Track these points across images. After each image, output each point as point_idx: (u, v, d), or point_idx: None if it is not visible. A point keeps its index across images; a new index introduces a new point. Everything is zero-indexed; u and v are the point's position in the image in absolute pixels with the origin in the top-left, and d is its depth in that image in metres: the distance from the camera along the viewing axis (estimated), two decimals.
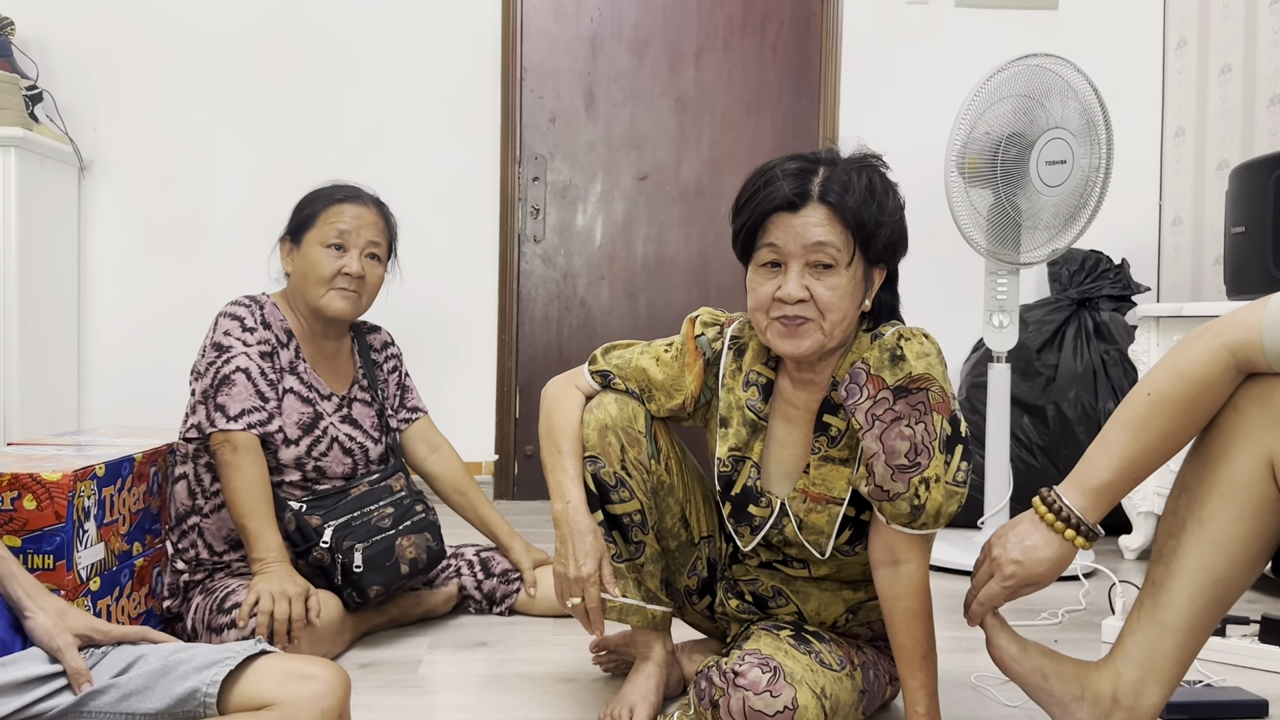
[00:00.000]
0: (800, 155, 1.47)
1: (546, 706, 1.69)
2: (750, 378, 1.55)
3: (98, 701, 1.21)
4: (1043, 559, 1.35)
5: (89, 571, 1.78)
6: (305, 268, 2.03)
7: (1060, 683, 1.39)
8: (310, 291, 2.03)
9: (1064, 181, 2.51)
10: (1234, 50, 3.29)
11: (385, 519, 2.01)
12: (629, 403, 1.57)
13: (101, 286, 3.41)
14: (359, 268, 2.03)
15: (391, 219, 2.15)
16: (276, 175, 3.39)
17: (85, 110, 3.36)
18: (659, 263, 3.64)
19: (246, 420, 1.89)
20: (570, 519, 1.52)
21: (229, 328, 1.95)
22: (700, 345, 1.59)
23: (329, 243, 2.02)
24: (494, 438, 3.55)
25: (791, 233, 1.41)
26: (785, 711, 1.35)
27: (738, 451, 1.54)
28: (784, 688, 1.36)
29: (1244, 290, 2.58)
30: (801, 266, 1.41)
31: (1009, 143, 2.51)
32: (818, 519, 1.49)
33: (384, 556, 1.95)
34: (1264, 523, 1.28)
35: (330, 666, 1.27)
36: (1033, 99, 2.52)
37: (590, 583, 1.50)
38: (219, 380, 1.91)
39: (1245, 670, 1.89)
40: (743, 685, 1.36)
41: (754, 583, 1.62)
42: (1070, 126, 2.51)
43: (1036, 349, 3.21)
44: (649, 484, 1.57)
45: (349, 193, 2.08)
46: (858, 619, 1.60)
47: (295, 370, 2.03)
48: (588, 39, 3.59)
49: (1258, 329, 1.24)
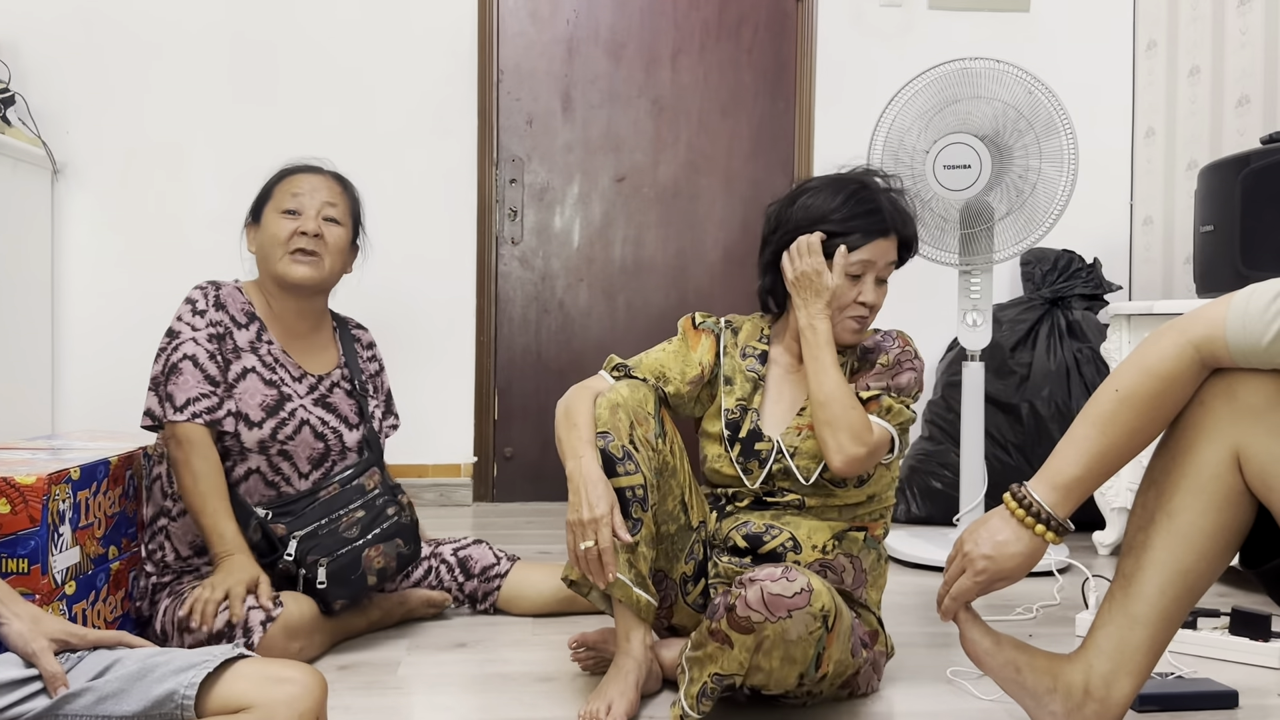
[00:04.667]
0: (884, 184, 1.78)
1: (526, 705, 1.70)
2: (747, 350, 1.83)
3: (74, 705, 1.20)
4: (1013, 554, 1.37)
5: (64, 576, 1.77)
6: (264, 239, 2.04)
7: (1033, 676, 1.41)
8: (271, 261, 2.02)
9: (970, 185, 2.55)
10: (1202, 52, 3.33)
11: (354, 526, 1.96)
12: (641, 388, 1.72)
13: (75, 290, 3.38)
14: (315, 226, 2.01)
15: (352, 188, 2.14)
16: (251, 179, 3.33)
17: (58, 113, 3.34)
18: (637, 264, 3.65)
19: (192, 410, 1.89)
20: (583, 471, 1.62)
21: (181, 312, 1.97)
22: (704, 327, 1.85)
23: (284, 209, 2.03)
24: (472, 440, 3.55)
25: (879, 253, 1.74)
26: (803, 593, 1.44)
27: (743, 401, 1.78)
28: (798, 575, 1.46)
29: (1213, 288, 2.62)
30: (875, 279, 1.75)
31: (907, 148, 2.65)
32: (810, 445, 1.71)
33: (350, 569, 1.91)
34: (1231, 515, 1.30)
35: (307, 670, 1.27)
36: (941, 105, 2.62)
37: (603, 524, 1.58)
38: (168, 368, 1.92)
39: (1216, 662, 1.92)
40: (759, 579, 1.46)
41: (745, 525, 1.72)
42: (976, 130, 2.56)
43: (1010, 348, 3.24)
44: (654, 462, 1.67)
45: (303, 165, 2.11)
46: (842, 547, 1.72)
47: (257, 351, 2.00)
48: (564, 41, 3.60)
49: (1221, 325, 1.26)
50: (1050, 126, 2.55)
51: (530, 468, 3.59)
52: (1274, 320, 1.22)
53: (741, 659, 1.47)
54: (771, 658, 1.46)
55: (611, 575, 1.59)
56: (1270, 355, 1.23)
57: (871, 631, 1.73)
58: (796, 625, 1.44)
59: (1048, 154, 2.56)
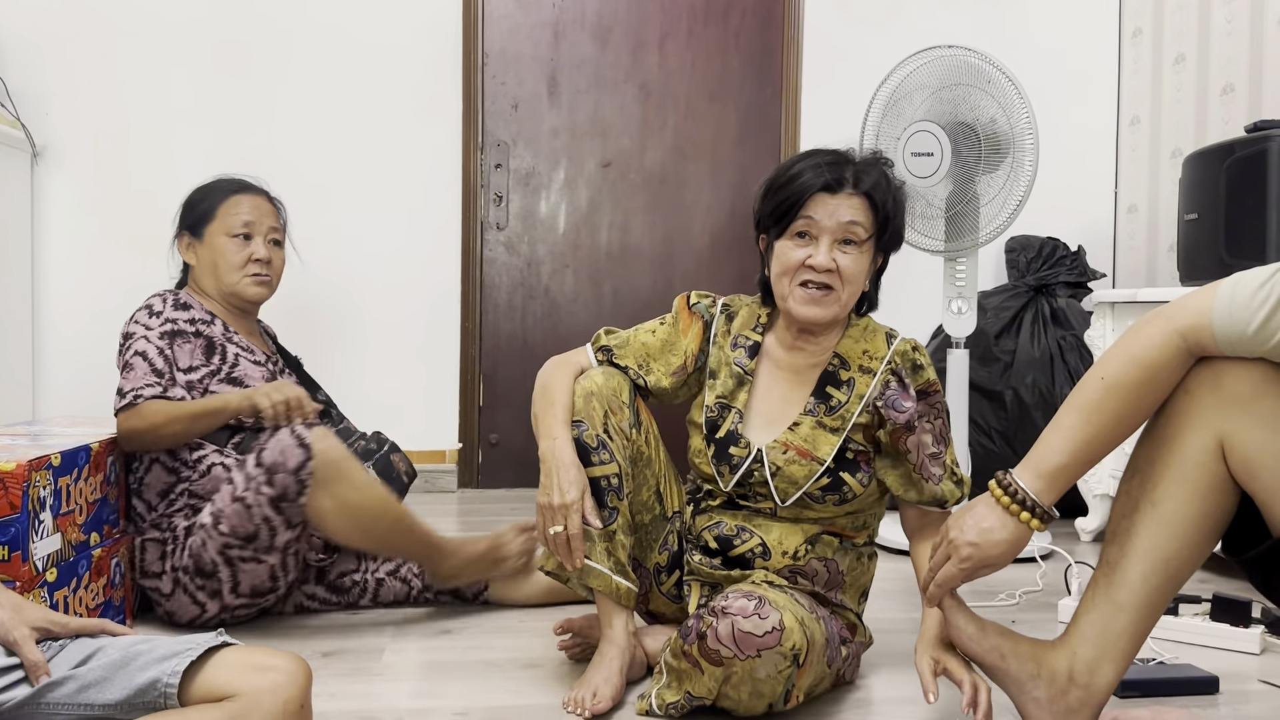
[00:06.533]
0: (832, 150, 1.67)
1: (511, 692, 1.69)
2: (739, 340, 1.74)
3: (56, 693, 1.19)
4: (998, 541, 1.37)
5: (45, 563, 1.76)
6: (214, 258, 2.16)
7: (1017, 662, 1.42)
8: (225, 279, 2.16)
9: (933, 173, 2.56)
10: (1188, 40, 3.34)
11: (370, 443, 2.14)
12: (615, 375, 1.69)
13: (56, 274, 3.35)
14: (266, 253, 2.19)
15: (281, 206, 2.30)
16: (235, 162, 3.31)
17: (37, 95, 3.29)
18: (623, 250, 3.64)
19: (134, 393, 1.98)
20: (556, 453, 1.60)
21: (137, 316, 2.08)
22: (697, 310, 1.77)
23: (235, 233, 2.17)
24: (457, 426, 3.54)
25: (828, 210, 1.61)
26: (774, 632, 1.42)
27: (724, 399, 1.70)
28: (770, 611, 1.44)
29: (1197, 276, 2.63)
30: (831, 242, 1.61)
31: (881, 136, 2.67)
32: (796, 471, 1.63)
33: (387, 471, 2.08)
34: (1214, 502, 1.31)
35: (290, 657, 1.26)
36: (901, 96, 2.64)
37: (573, 510, 1.56)
38: (122, 367, 2.04)
39: (1197, 648, 1.94)
40: (731, 612, 1.43)
41: (717, 525, 1.68)
42: (937, 119, 2.57)
43: (994, 335, 3.25)
44: (629, 452, 1.66)
45: (240, 184, 2.24)
46: (815, 551, 1.67)
47: (232, 340, 2.13)
48: (550, 25, 3.57)
49: (1208, 314, 1.26)
50: (1006, 101, 2.55)
51: (515, 454, 3.58)
52: (1260, 308, 1.22)
53: (710, 686, 1.47)
54: (740, 690, 1.46)
55: (579, 561, 1.58)
56: (1256, 343, 1.24)
57: (849, 625, 1.71)
58: (765, 665, 1.43)
59: (1006, 143, 2.57)
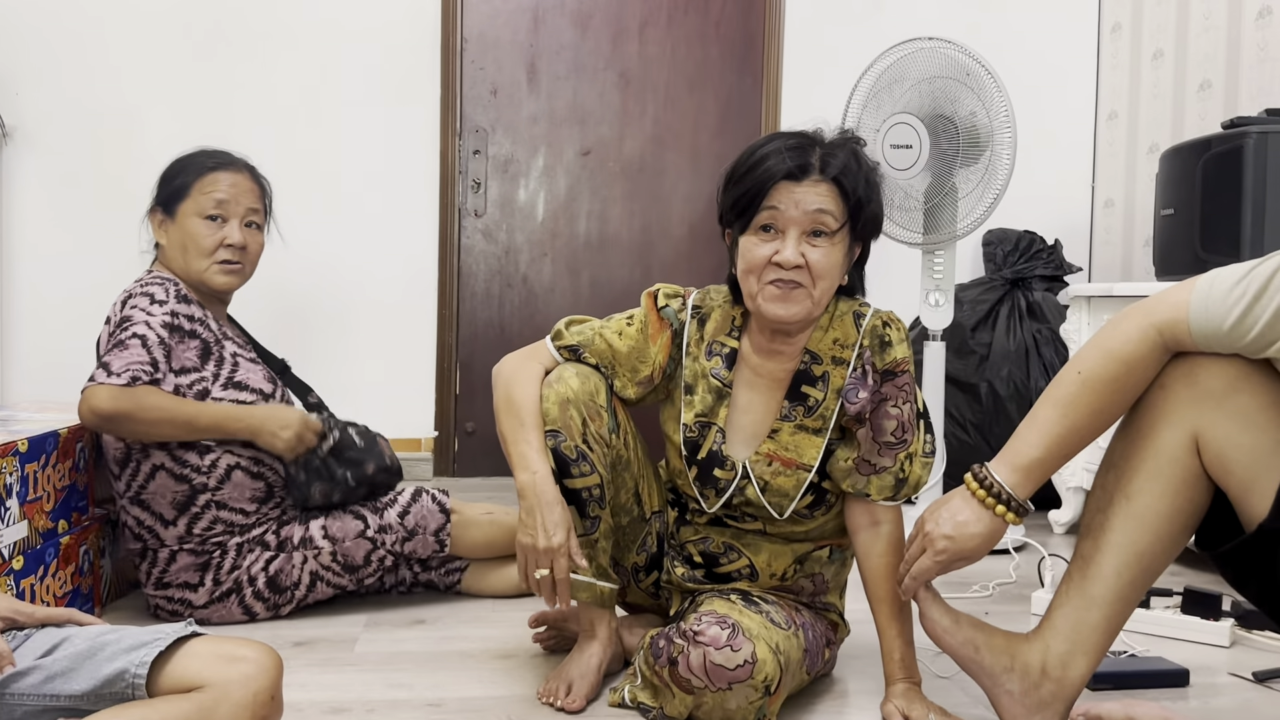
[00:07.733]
0: (796, 132, 1.55)
1: (484, 683, 1.68)
2: (714, 347, 1.60)
3: (21, 684, 1.17)
4: (974, 534, 1.37)
5: (11, 550, 1.73)
6: (183, 240, 1.97)
7: (991, 654, 1.42)
8: (193, 265, 1.97)
9: (912, 165, 2.56)
10: (1166, 35, 3.35)
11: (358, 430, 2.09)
12: (591, 376, 1.58)
13: (23, 258, 3.29)
14: (241, 238, 1.98)
15: (265, 183, 2.09)
16: (208, 146, 3.30)
17: (6, 75, 3.23)
18: (602, 239, 3.63)
19: (131, 374, 1.79)
20: (538, 490, 1.50)
21: (138, 301, 1.90)
22: (666, 316, 1.62)
23: (207, 214, 1.97)
24: (434, 414, 3.52)
25: (793, 200, 1.47)
26: (745, 665, 1.39)
27: (704, 418, 1.59)
28: (743, 642, 1.40)
29: (1172, 271, 2.64)
30: (799, 234, 1.47)
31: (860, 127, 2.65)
32: (784, 482, 1.55)
33: (371, 446, 2.08)
34: (1188, 497, 1.31)
35: (261, 647, 1.25)
36: (883, 86, 2.63)
37: (560, 554, 1.49)
38: (113, 345, 1.84)
39: (1168, 640, 1.95)
40: (703, 641, 1.40)
41: (704, 541, 1.63)
42: (916, 111, 2.57)
43: (971, 327, 3.26)
44: (609, 458, 1.58)
45: (221, 159, 2.02)
46: (804, 570, 1.63)
47: (228, 338, 2.00)
48: (530, 10, 3.54)
49: (1184, 309, 1.27)
50: (985, 94, 2.55)
51: (492, 442, 3.53)
52: (1235, 304, 1.23)
53: (681, 710, 1.45)
54: (712, 716, 1.44)
55: (567, 603, 1.53)
56: (1232, 339, 1.24)
57: (832, 625, 1.69)
58: (736, 696, 1.40)
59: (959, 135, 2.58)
